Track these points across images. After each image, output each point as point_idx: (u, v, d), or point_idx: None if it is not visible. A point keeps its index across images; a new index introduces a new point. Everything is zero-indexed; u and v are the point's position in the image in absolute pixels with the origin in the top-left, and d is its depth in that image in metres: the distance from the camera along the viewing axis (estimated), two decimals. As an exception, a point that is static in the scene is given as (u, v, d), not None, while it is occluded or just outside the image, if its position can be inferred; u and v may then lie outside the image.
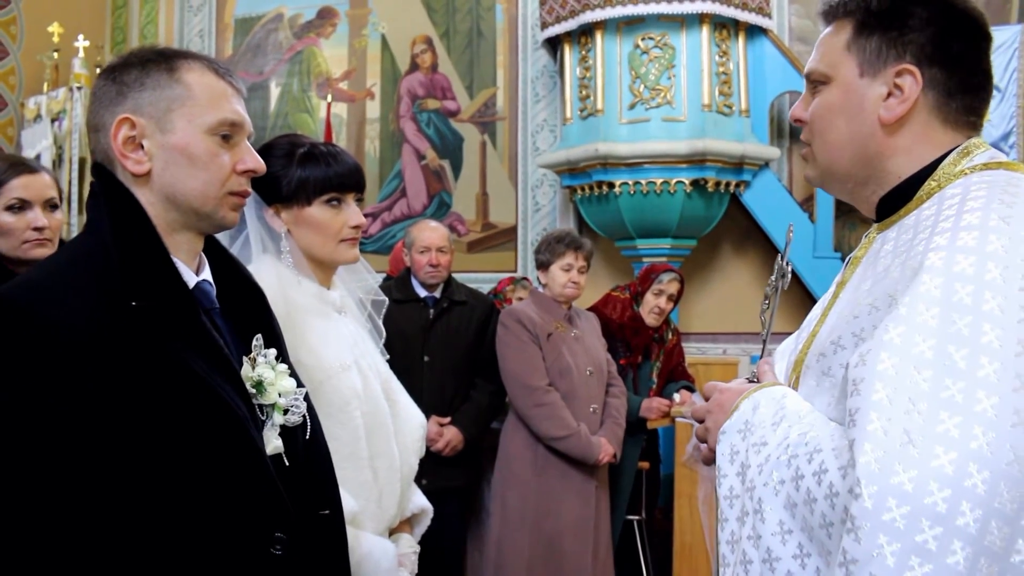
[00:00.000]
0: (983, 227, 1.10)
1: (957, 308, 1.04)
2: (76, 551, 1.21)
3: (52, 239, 2.41)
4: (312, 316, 1.91)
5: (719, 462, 1.29)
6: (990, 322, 1.02)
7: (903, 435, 0.99)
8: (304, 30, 7.22)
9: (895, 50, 1.25)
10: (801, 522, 1.13)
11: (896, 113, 1.26)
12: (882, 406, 1.02)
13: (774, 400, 1.29)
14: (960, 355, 1.02)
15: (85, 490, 1.22)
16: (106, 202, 1.37)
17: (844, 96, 1.29)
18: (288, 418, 1.48)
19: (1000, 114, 5.10)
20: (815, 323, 1.38)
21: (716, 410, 1.36)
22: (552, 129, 6.52)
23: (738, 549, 1.21)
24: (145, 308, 1.29)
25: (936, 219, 1.17)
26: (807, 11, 6.08)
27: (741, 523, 1.21)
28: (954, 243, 1.10)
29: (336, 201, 1.94)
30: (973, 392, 0.99)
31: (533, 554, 3.68)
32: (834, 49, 1.31)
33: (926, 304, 1.06)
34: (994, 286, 1.04)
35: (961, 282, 1.05)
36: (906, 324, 1.06)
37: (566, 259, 3.80)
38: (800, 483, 1.13)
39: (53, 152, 6.48)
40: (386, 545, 1.93)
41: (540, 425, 3.69)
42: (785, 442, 1.19)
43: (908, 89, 1.25)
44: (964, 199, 1.16)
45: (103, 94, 1.40)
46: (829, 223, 5.61)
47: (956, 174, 1.24)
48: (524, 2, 6.65)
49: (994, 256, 1.06)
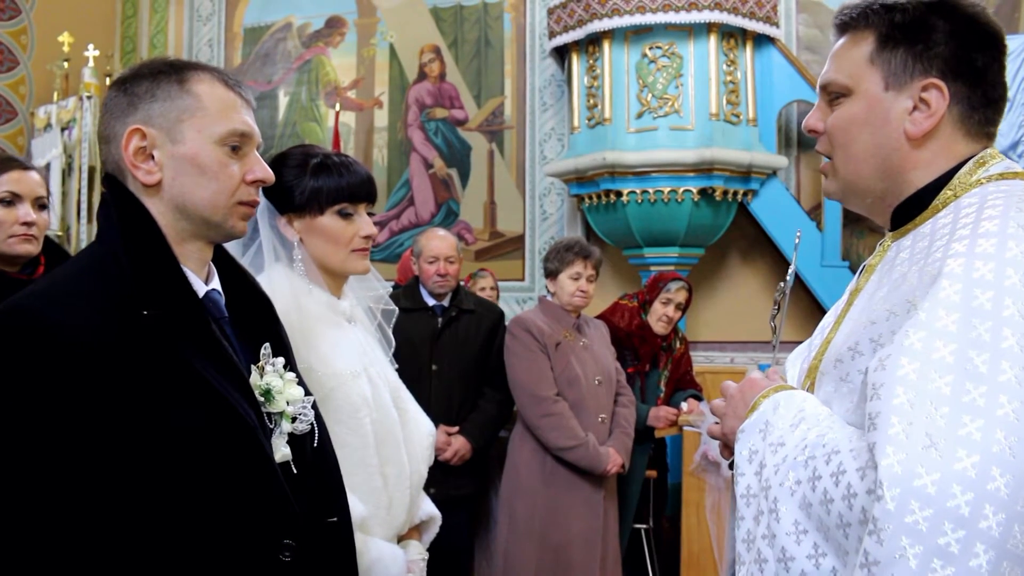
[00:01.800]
0: (1002, 234, 1.11)
1: (977, 313, 1.05)
2: (85, 556, 1.22)
3: (38, 237, 2.47)
4: (323, 325, 1.93)
5: (737, 460, 1.30)
6: (1010, 327, 1.03)
7: (925, 438, 1.00)
8: (313, 39, 7.26)
9: (921, 64, 1.26)
10: (817, 522, 1.14)
11: (923, 128, 1.26)
12: (903, 410, 1.03)
13: (794, 401, 1.29)
14: (981, 359, 1.02)
15: (95, 496, 1.23)
16: (117, 212, 1.38)
17: (868, 109, 1.29)
18: (296, 426, 1.49)
19: (1009, 123, 5.09)
20: (829, 330, 1.39)
21: (735, 404, 1.37)
22: (560, 138, 6.54)
23: (753, 548, 1.22)
24: (156, 317, 1.30)
25: (953, 227, 1.18)
26: (815, 20, 6.08)
27: (757, 522, 1.22)
28: (973, 249, 1.11)
29: (348, 211, 1.96)
30: (995, 396, 1.00)
31: (540, 564, 3.66)
32: (855, 61, 1.31)
33: (946, 309, 1.07)
34: (1014, 291, 1.05)
35: (981, 287, 1.07)
36: (926, 329, 1.07)
37: (575, 268, 3.79)
38: (817, 484, 1.13)
39: (63, 161, 6.52)
40: (395, 551, 1.94)
41: (548, 435, 3.67)
42: (803, 443, 1.20)
43: (935, 103, 1.25)
44: (982, 207, 1.18)
45: (114, 105, 1.41)
46: (837, 232, 5.61)
47: (972, 183, 1.25)
48: (532, 11, 6.67)
49: (1013, 262, 1.08)
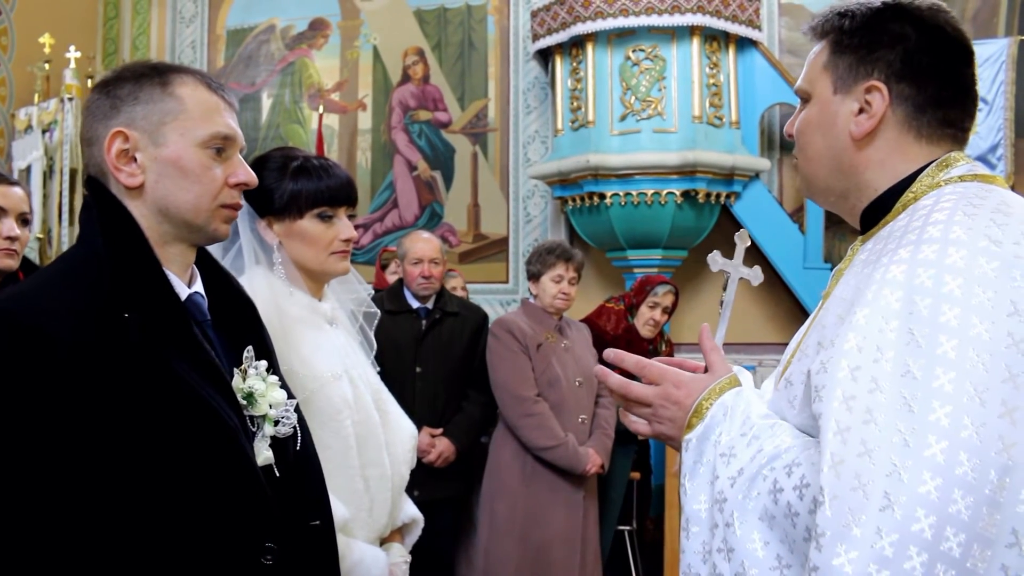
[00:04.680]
0: (943, 240, 1.12)
1: (916, 320, 1.06)
2: (64, 560, 1.21)
3: (19, 252, 2.49)
4: (304, 327, 1.93)
5: (685, 469, 1.30)
6: (946, 334, 1.04)
7: (860, 446, 1.02)
8: (296, 41, 7.25)
9: (864, 67, 1.29)
10: (781, 534, 1.14)
11: (864, 128, 1.29)
12: (841, 414, 1.05)
13: (739, 405, 1.30)
14: (917, 366, 1.04)
15: (74, 500, 1.22)
16: (99, 214, 1.38)
17: (820, 112, 1.34)
18: (279, 429, 1.49)
19: (988, 126, 5.14)
20: (802, 335, 1.40)
21: (671, 406, 1.35)
22: (543, 140, 6.55)
23: (709, 560, 1.22)
24: (137, 319, 1.30)
25: (905, 230, 1.20)
26: (797, 24, 6.12)
27: (712, 534, 1.22)
28: (916, 256, 1.12)
29: (328, 214, 1.96)
30: (928, 402, 1.01)
31: (520, 564, 3.68)
32: (814, 68, 1.36)
33: (884, 317, 1.08)
34: (952, 298, 1.06)
35: (920, 295, 1.08)
36: (863, 333, 1.09)
37: (556, 270, 3.81)
38: (779, 496, 1.14)
39: (44, 163, 6.48)
40: (377, 553, 1.95)
41: (528, 435, 3.70)
42: (758, 453, 1.20)
43: (876, 105, 1.28)
44: (931, 211, 1.19)
45: (96, 108, 1.41)
46: (819, 234, 5.65)
47: (932, 186, 1.26)
48: (516, 14, 6.68)
49: (952, 268, 1.08)
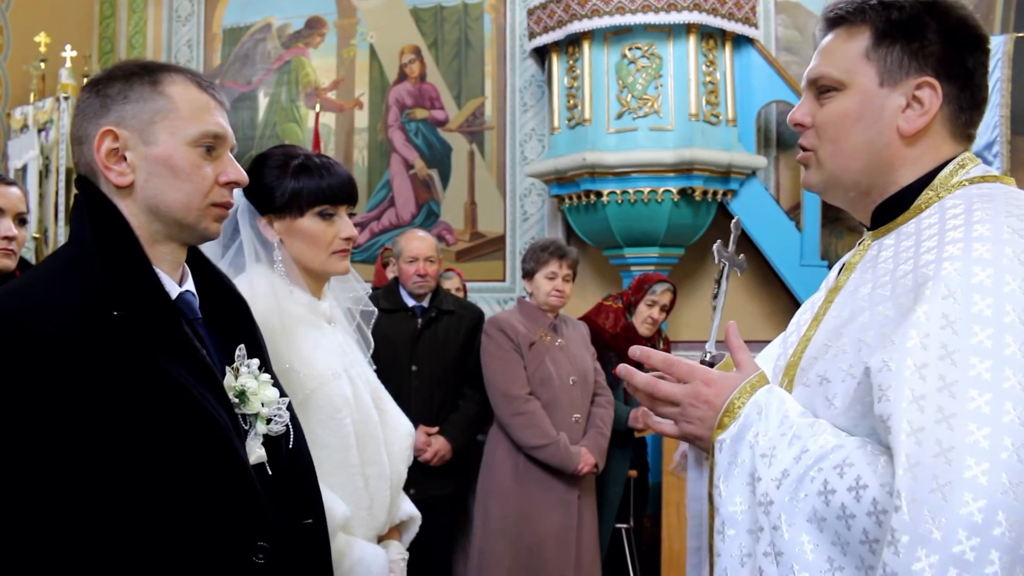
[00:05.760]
0: (996, 239, 1.12)
1: (977, 319, 1.07)
2: (53, 560, 1.21)
3: (16, 252, 2.49)
4: (304, 325, 1.93)
5: (719, 471, 1.26)
6: (1012, 334, 1.05)
7: (935, 446, 1.01)
8: (292, 40, 7.24)
9: (916, 62, 1.27)
10: (832, 536, 1.13)
11: (916, 125, 1.27)
12: (912, 414, 1.04)
13: (773, 403, 1.26)
14: (984, 366, 1.04)
15: (64, 498, 1.22)
16: (89, 213, 1.38)
17: (862, 104, 1.29)
18: (271, 427, 1.49)
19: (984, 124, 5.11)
20: (807, 327, 1.38)
21: (701, 405, 1.30)
22: (540, 138, 6.54)
23: (749, 563, 1.20)
24: (127, 318, 1.30)
25: (942, 228, 1.19)
26: (793, 21, 6.12)
27: (754, 537, 1.19)
28: (969, 254, 1.12)
29: (329, 213, 1.96)
30: (1001, 403, 1.01)
31: (513, 563, 3.68)
32: (849, 56, 1.30)
33: (946, 315, 1.08)
34: (1013, 298, 1.07)
35: (980, 293, 1.08)
36: (924, 330, 1.08)
37: (550, 267, 3.81)
38: (831, 498, 1.12)
39: (40, 162, 6.47)
40: (377, 551, 1.95)
41: (519, 434, 3.70)
42: (805, 454, 1.17)
43: (928, 102, 1.27)
44: (970, 210, 1.19)
45: (87, 107, 1.41)
46: (816, 231, 5.64)
47: (954, 185, 1.26)
48: (512, 12, 6.68)
49: (1010, 269, 1.09)
